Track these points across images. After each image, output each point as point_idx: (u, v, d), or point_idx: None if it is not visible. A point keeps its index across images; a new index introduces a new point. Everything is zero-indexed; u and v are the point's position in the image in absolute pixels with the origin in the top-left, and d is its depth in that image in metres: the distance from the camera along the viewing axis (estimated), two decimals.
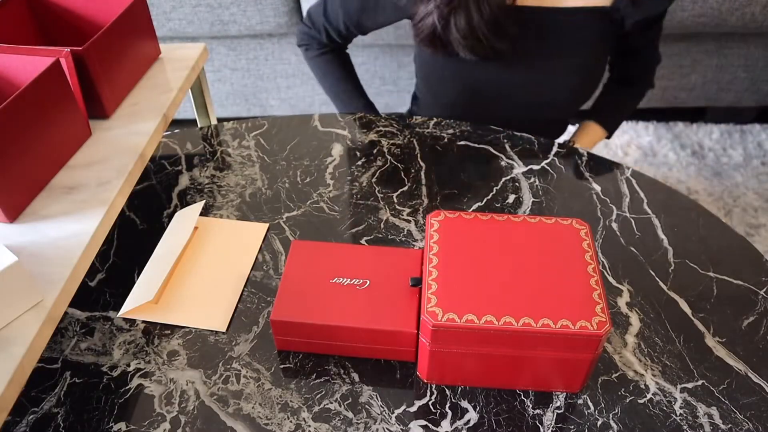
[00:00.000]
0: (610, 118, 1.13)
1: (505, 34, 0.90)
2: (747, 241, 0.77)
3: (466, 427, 0.60)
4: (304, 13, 1.49)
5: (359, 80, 1.16)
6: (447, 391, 0.63)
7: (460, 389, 0.63)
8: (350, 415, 0.61)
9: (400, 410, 0.61)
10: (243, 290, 0.72)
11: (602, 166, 0.89)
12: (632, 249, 0.76)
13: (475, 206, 0.83)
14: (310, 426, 0.60)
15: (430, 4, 0.89)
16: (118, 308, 0.71)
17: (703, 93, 1.89)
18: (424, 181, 0.86)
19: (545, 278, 0.59)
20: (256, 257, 0.76)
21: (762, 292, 0.71)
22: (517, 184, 0.86)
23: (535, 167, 0.88)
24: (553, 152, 0.91)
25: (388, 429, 0.60)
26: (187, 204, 0.84)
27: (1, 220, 0.66)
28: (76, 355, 0.66)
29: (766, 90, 1.88)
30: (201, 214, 0.81)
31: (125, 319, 0.70)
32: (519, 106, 1.02)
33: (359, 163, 0.90)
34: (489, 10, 0.87)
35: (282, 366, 0.65)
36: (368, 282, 0.66)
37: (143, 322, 0.70)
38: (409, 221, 0.81)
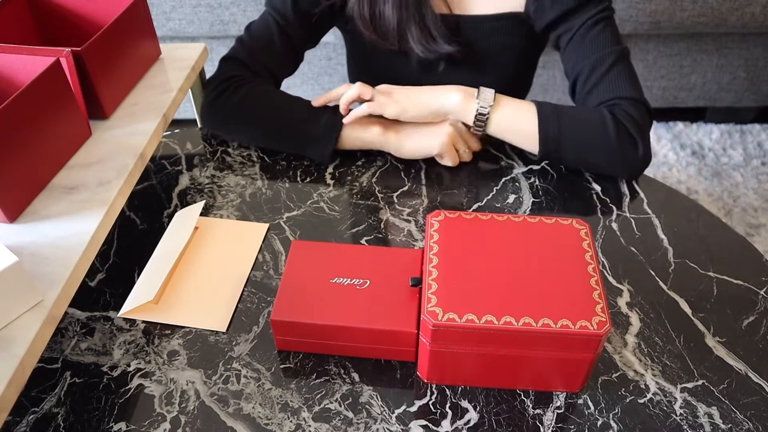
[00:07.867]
0: None
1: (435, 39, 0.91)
2: (747, 241, 0.77)
3: (467, 427, 0.60)
4: None
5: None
6: (447, 391, 0.63)
7: (460, 389, 0.63)
8: (350, 415, 0.61)
9: (401, 410, 0.61)
10: (243, 290, 0.72)
11: None
12: (632, 249, 0.76)
13: (475, 206, 0.83)
14: (310, 426, 0.60)
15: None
16: (118, 308, 0.71)
17: (703, 93, 1.89)
18: (424, 181, 0.86)
19: (545, 278, 0.59)
20: (256, 257, 0.76)
21: (762, 292, 0.71)
22: (517, 184, 0.86)
23: (535, 167, 0.88)
24: None
25: (388, 429, 0.60)
26: (187, 204, 0.84)
27: (1, 220, 0.66)
28: (76, 355, 0.66)
29: (766, 90, 1.88)
30: (201, 214, 0.81)
31: (125, 319, 0.70)
32: None
33: (359, 163, 0.90)
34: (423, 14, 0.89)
35: (282, 366, 0.65)
36: (368, 282, 0.66)
37: (143, 322, 0.70)
38: (409, 221, 0.81)
